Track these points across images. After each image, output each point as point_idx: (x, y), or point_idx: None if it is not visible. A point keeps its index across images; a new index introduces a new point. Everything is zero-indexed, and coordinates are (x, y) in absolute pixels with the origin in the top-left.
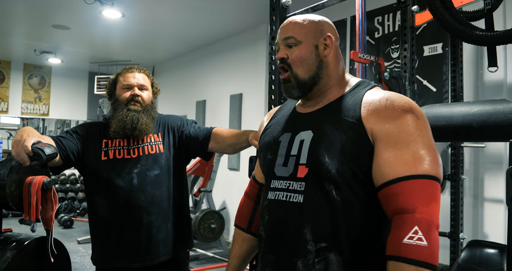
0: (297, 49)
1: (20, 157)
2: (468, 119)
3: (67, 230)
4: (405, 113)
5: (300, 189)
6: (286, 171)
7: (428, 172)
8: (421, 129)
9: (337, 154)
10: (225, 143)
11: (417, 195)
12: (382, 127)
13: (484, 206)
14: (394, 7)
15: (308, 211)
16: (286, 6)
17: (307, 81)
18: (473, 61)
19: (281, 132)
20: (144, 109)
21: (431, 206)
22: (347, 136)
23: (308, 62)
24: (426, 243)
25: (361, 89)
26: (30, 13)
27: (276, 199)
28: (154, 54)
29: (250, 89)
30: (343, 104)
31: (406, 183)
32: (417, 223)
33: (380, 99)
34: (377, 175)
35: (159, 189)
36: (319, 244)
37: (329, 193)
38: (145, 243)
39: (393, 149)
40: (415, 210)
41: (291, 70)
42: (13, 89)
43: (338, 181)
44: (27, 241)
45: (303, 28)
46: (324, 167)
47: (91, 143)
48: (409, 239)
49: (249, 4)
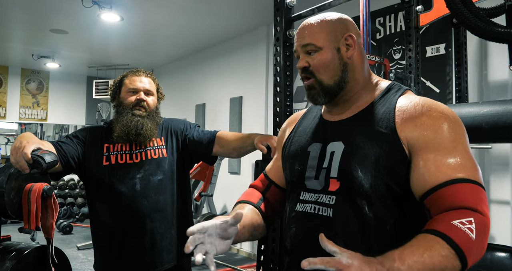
0: (318, 56)
1: (19, 165)
2: (477, 120)
3: (67, 236)
4: (444, 120)
5: (329, 203)
6: (318, 184)
7: (476, 179)
8: (460, 137)
9: (370, 168)
10: (230, 147)
11: (473, 197)
12: (420, 135)
13: (490, 208)
14: (396, 8)
15: (338, 225)
16: (291, 6)
17: (333, 87)
18: (477, 61)
19: (310, 142)
20: (149, 114)
21: (487, 210)
22: (381, 149)
23: (331, 67)
24: (474, 237)
25: (392, 94)
26: (28, 17)
27: (304, 211)
28: (153, 58)
29: (250, 92)
30: (375, 112)
31: (459, 185)
32: (474, 216)
33: (415, 106)
34: (421, 183)
35: (163, 195)
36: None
37: (362, 208)
38: (148, 250)
39: (435, 156)
40: (477, 208)
41: (315, 77)
42: (11, 94)
43: (371, 196)
44: (27, 250)
45: (321, 32)
46: (356, 182)
47: (92, 148)
48: (460, 224)
49: (248, 6)
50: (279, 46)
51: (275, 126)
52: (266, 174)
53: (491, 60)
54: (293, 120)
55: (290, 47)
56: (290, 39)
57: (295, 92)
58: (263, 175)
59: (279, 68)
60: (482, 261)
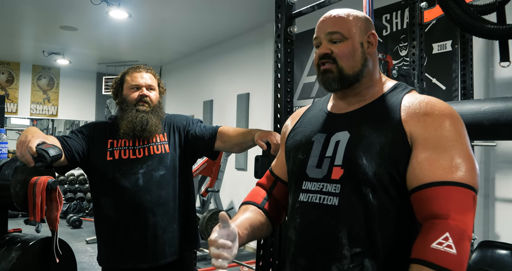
0: (343, 45)
1: (24, 158)
2: (478, 117)
3: (76, 230)
4: (445, 119)
5: (335, 191)
6: (320, 172)
7: (466, 180)
8: (460, 136)
9: (375, 156)
10: (231, 142)
11: (452, 202)
12: (421, 130)
13: (495, 206)
14: (402, 5)
15: (344, 214)
16: (292, 3)
17: (351, 77)
18: (484, 58)
19: (314, 133)
20: (153, 109)
21: (466, 215)
22: (386, 138)
23: (355, 58)
24: (455, 251)
25: (399, 92)
26: (38, 14)
27: (308, 201)
28: (161, 54)
29: (257, 88)
30: (382, 106)
31: (442, 188)
32: (449, 229)
33: (420, 103)
34: (412, 178)
35: (165, 189)
36: (355, 248)
37: (366, 196)
38: (151, 244)
39: (431, 153)
40: (449, 216)
41: (337, 63)
42: (22, 90)
43: (375, 184)
44: (32, 241)
45: (349, 23)
46: (361, 169)
47: (97, 143)
48: (438, 245)
49: (255, 3)
50: (280, 43)
51: (276, 123)
52: (272, 170)
53: (498, 57)
54: (297, 115)
55: (291, 44)
56: (291, 36)
57: (302, 89)
58: (269, 171)
59: (280, 65)
60: (483, 258)
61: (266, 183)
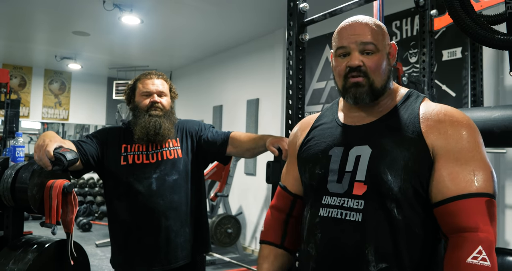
0: (375, 57)
1: (42, 162)
2: (488, 124)
3: (86, 233)
4: (464, 129)
5: (357, 207)
6: (340, 187)
7: (487, 190)
8: (478, 146)
9: (400, 172)
10: (243, 147)
11: (479, 214)
12: (443, 143)
13: (505, 213)
14: (412, 12)
15: (369, 230)
16: (304, 11)
17: (380, 91)
18: (494, 65)
19: (330, 146)
20: (165, 114)
21: (493, 225)
22: (409, 152)
23: (384, 71)
24: (489, 263)
25: (413, 101)
26: (51, 20)
27: (329, 216)
28: (172, 60)
29: (267, 94)
30: (399, 117)
31: (466, 201)
32: (481, 242)
33: (438, 114)
34: (435, 192)
35: (178, 194)
36: (381, 264)
37: (391, 211)
38: (163, 247)
39: (453, 165)
40: (478, 229)
41: (368, 77)
42: (34, 94)
43: (400, 199)
44: (48, 243)
45: (379, 34)
46: (386, 185)
47: (111, 148)
48: (473, 259)
49: (265, 9)
50: (292, 50)
51: (287, 129)
52: (286, 188)
53: (508, 64)
54: (306, 125)
55: (303, 51)
56: (302, 43)
57: (311, 95)
58: (283, 190)
59: (291, 72)
60: None
61: (284, 204)
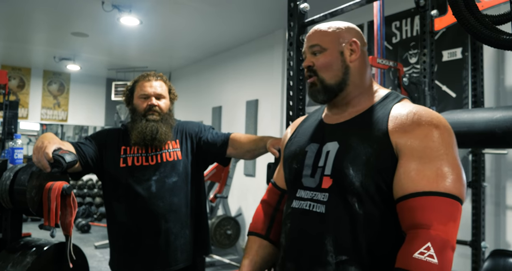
0: (322, 56)
1: (41, 164)
2: (490, 125)
3: (85, 235)
4: (432, 128)
5: (323, 200)
6: (313, 181)
7: (450, 190)
8: (446, 147)
9: (362, 167)
10: (243, 149)
11: (435, 212)
12: (407, 141)
13: (506, 214)
14: (412, 12)
15: (329, 221)
16: (304, 12)
17: (333, 87)
18: (494, 66)
19: (308, 143)
20: (163, 118)
21: (448, 225)
22: (372, 149)
23: (334, 67)
24: (436, 261)
25: (389, 101)
26: (50, 20)
27: (299, 208)
28: (171, 61)
29: (266, 95)
30: (371, 117)
31: (425, 198)
32: (430, 239)
33: (407, 113)
34: (397, 188)
35: (177, 196)
36: (340, 256)
37: (352, 205)
38: (163, 250)
39: (416, 163)
40: (431, 226)
41: (317, 75)
42: (33, 95)
43: (362, 194)
44: (47, 246)
45: (328, 35)
46: (348, 179)
47: (110, 150)
48: (420, 254)
49: (265, 10)
50: (293, 50)
51: None
52: (275, 184)
53: (508, 64)
54: (296, 124)
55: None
56: (303, 44)
57: None
58: (273, 186)
59: (292, 73)
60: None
61: (272, 199)
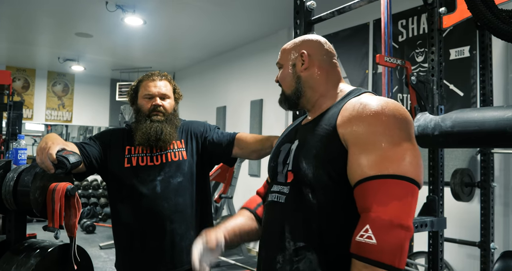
0: (281, 72)
1: (44, 165)
2: (501, 124)
3: (89, 235)
4: (375, 115)
5: (286, 192)
6: (283, 177)
7: (394, 171)
8: (392, 129)
9: (312, 160)
10: (249, 149)
11: (376, 195)
12: (351, 130)
13: None
14: (418, 10)
15: (287, 211)
16: (310, 9)
17: (291, 96)
18: (503, 64)
19: (283, 143)
20: (167, 118)
21: (391, 205)
22: (321, 142)
23: (287, 80)
24: (375, 241)
25: (348, 98)
26: (54, 21)
27: (271, 201)
28: (175, 61)
29: (270, 95)
30: (327, 114)
31: (367, 183)
32: (369, 221)
33: (355, 105)
34: (350, 177)
35: (182, 197)
36: (298, 243)
37: (305, 195)
38: (168, 251)
39: (362, 150)
40: (370, 209)
41: (282, 87)
42: (38, 96)
43: (314, 185)
44: (51, 248)
45: (285, 52)
46: (301, 172)
47: (114, 150)
48: (360, 237)
49: (269, 10)
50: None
51: None
52: (267, 178)
53: None
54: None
55: None
56: None
57: None
58: (265, 181)
59: None
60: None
61: (263, 190)
